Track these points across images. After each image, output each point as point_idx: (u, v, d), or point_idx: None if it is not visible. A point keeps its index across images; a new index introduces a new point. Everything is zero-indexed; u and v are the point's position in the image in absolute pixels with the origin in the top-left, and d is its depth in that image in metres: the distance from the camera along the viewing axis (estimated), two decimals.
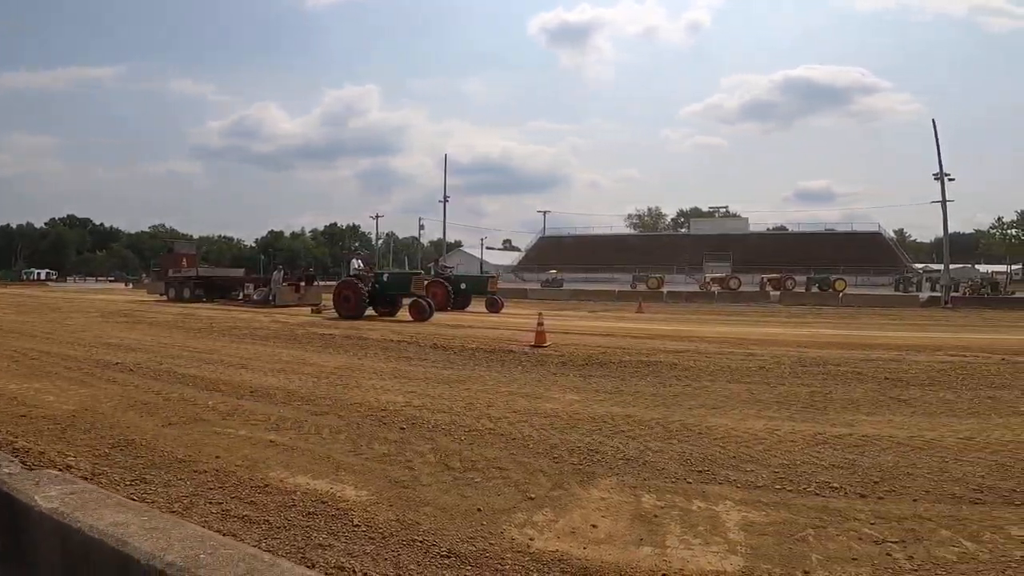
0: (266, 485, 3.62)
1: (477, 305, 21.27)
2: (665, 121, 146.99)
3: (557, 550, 2.85)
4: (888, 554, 2.84)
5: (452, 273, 22.95)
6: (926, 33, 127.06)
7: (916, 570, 2.68)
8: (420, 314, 15.81)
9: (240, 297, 25.92)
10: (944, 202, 29.08)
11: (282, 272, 25.25)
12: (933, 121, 29.19)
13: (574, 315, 20.07)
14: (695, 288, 41.24)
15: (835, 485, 3.77)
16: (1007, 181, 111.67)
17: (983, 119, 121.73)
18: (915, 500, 3.52)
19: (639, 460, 4.28)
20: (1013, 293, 32.09)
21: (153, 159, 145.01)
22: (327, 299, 19.54)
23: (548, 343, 10.45)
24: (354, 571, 2.54)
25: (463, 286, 21.55)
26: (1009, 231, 63.57)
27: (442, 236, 52.26)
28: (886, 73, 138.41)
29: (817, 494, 3.64)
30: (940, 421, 5.44)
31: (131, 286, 49.18)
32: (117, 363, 8.42)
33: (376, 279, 17.56)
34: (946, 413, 5.77)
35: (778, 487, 3.76)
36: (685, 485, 3.81)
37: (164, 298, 26.45)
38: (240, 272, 36.00)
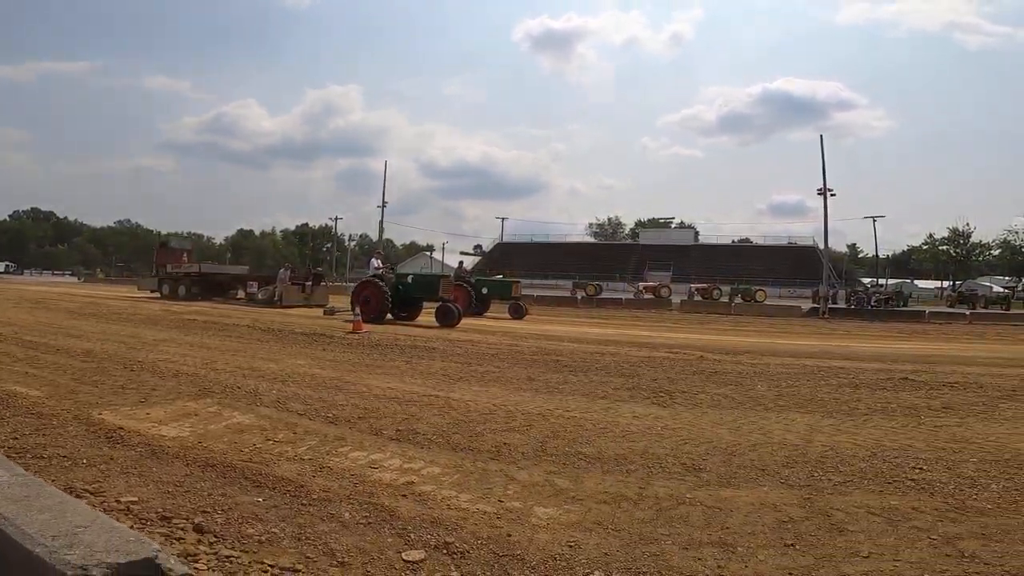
0: None
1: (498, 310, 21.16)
2: (646, 130, 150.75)
3: (106, 420, 4.97)
4: (283, 449, 4.56)
5: (472, 277, 22.95)
6: (901, 49, 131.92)
7: (276, 456, 4.44)
8: (447, 319, 15.30)
9: (242, 296, 24.66)
10: (825, 218, 32.08)
11: (288, 271, 24.07)
12: (821, 137, 32.27)
13: None
14: (630, 295, 43.72)
15: (344, 417, 5.31)
16: (971, 197, 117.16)
17: (954, 134, 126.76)
18: (355, 431, 4.92)
19: (258, 394, 6.13)
20: (899, 305, 34.92)
21: (123, 155, 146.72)
22: (338, 300, 19.82)
23: (364, 330, 12.69)
24: None
25: (484, 290, 21.24)
26: (941, 247, 67.47)
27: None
28: (862, 88, 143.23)
29: (326, 420, 5.19)
30: (516, 395, 6.59)
31: (82, 280, 50.63)
32: None
33: (399, 280, 16.85)
34: (531, 390, 6.93)
35: (308, 414, 5.35)
36: (257, 408, 5.50)
37: (157, 295, 24.83)
38: (244, 269, 34.28)
